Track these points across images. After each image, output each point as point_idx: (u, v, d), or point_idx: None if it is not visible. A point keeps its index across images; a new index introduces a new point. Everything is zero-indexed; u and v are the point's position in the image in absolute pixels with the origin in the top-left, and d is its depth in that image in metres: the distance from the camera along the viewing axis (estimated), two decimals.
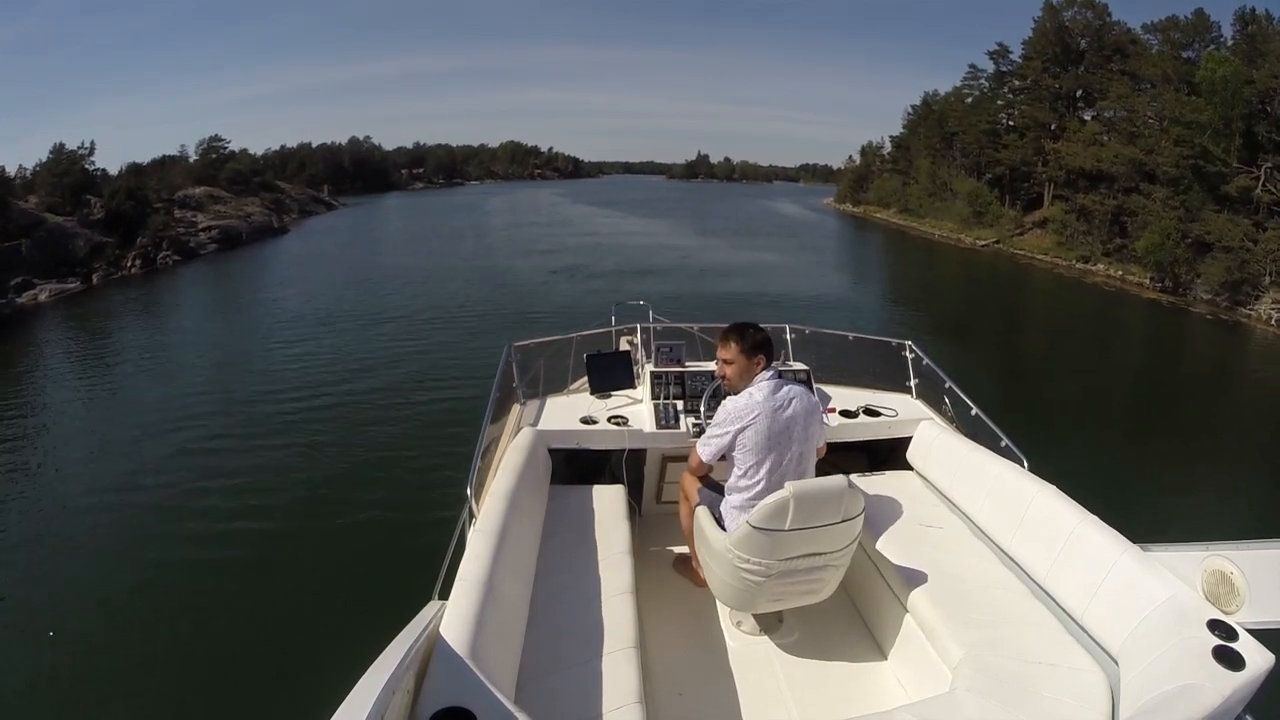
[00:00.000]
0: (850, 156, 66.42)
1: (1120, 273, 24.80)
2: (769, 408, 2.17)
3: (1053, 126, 33.81)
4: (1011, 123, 37.14)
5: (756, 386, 2.24)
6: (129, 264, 22.67)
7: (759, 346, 2.28)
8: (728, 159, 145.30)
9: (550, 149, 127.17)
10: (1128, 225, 25.18)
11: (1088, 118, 33.35)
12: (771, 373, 2.27)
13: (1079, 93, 33.89)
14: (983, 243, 33.23)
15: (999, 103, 38.92)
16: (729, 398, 2.30)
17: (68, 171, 24.87)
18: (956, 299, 21.78)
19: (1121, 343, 16.79)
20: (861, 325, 13.14)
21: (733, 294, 18.00)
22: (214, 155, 39.15)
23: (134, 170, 31.92)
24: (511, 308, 15.41)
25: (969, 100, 40.82)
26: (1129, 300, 22.18)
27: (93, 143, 27.20)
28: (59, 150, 26.08)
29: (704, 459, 2.32)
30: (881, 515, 2.62)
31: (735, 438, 2.20)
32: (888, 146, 53.63)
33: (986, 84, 40.12)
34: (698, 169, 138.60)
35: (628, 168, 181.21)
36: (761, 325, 2.38)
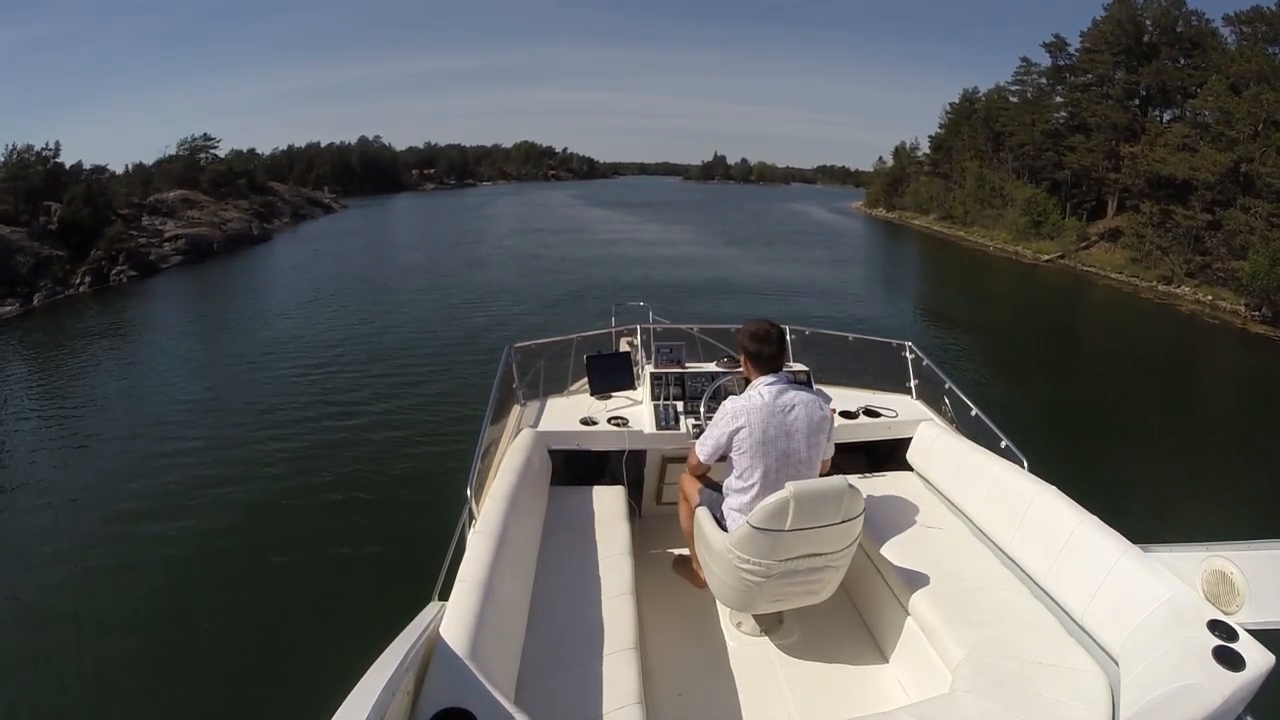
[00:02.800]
0: (880, 158, 62.39)
1: (1210, 297, 21.06)
2: (769, 410, 2.16)
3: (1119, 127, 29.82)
4: (1075, 122, 32.41)
5: (759, 389, 2.21)
6: (78, 281, 19.30)
7: (746, 351, 2.27)
8: (744, 160, 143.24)
9: (565, 149, 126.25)
10: (1207, 241, 21.85)
11: (1160, 118, 29.76)
12: (777, 377, 2.23)
13: (1148, 91, 29.77)
14: (1046, 257, 29.04)
15: (1057, 100, 34.55)
16: (730, 397, 2.29)
17: (22, 175, 21.71)
18: (1032, 327, 17.92)
19: (1247, 396, 13.15)
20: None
21: (771, 313, 15.61)
22: (202, 155, 36.59)
23: (98, 172, 28.05)
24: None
25: (1016, 98, 36.97)
26: (1234, 335, 18.03)
27: (57, 143, 24.09)
28: (22, 151, 22.95)
29: (701, 458, 2.31)
30: (882, 516, 2.61)
31: (731, 437, 2.18)
32: (923, 148, 49.83)
33: (1044, 80, 35.54)
34: (714, 170, 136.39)
35: (643, 168, 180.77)
36: (767, 330, 2.27)
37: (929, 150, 48.16)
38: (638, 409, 3.16)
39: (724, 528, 2.21)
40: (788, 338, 3.59)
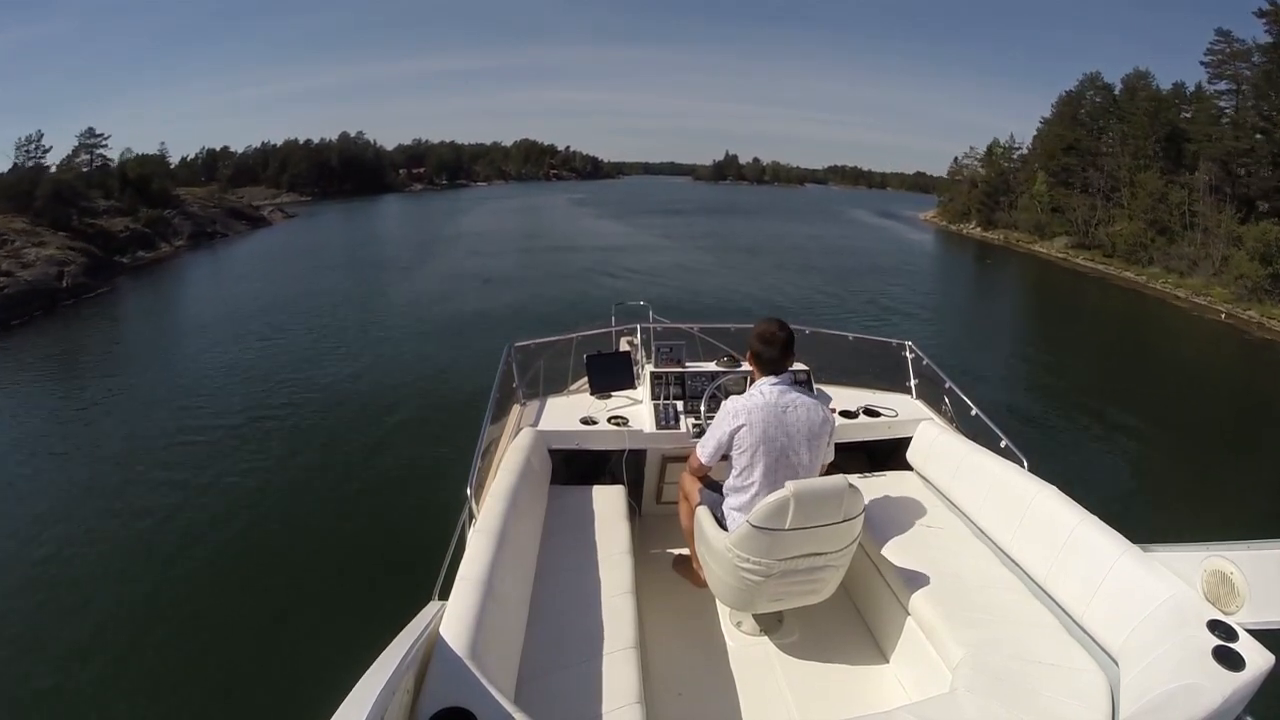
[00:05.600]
0: (956, 160, 49.34)
1: None
2: (769, 409, 2.15)
3: None
4: None
5: (761, 387, 2.22)
6: None
7: (751, 351, 2.29)
8: (757, 160, 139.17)
9: (568, 148, 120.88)
10: None
11: None
12: (779, 378, 2.23)
13: None
14: None
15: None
16: (731, 396, 2.29)
17: None
18: None
19: None
20: None
21: None
22: (83, 159, 28.76)
23: None
24: None
25: (1213, 88, 26.80)
26: None
27: None
28: None
29: (703, 459, 2.30)
30: (882, 516, 2.61)
31: (733, 435, 2.18)
32: (1022, 148, 39.48)
33: (1267, 61, 24.66)
34: (726, 170, 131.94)
35: (647, 168, 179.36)
36: (773, 332, 2.24)
37: (1053, 150, 35.60)
38: (638, 408, 3.16)
39: (724, 527, 2.21)
40: (794, 341, 3.62)
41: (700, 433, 2.87)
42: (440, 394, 9.82)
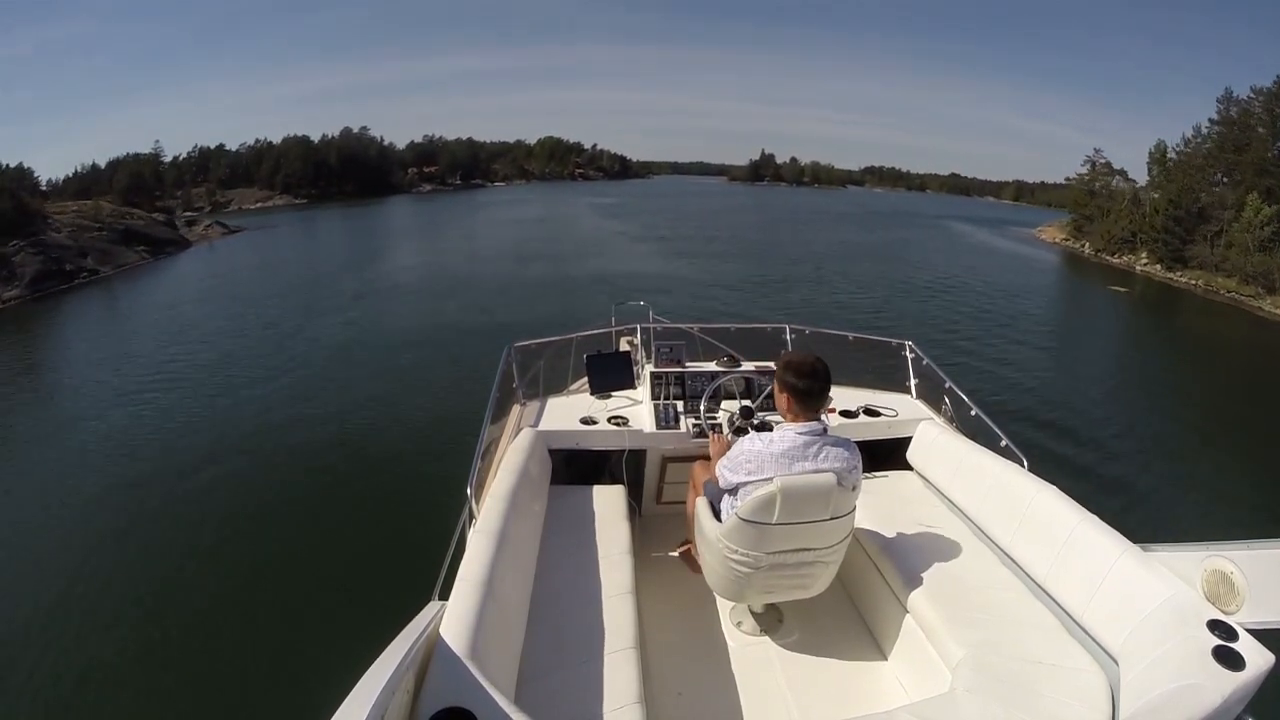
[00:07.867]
0: (1090, 162, 39.26)
1: None
2: (791, 459, 1.94)
3: None
4: None
5: (789, 433, 1.96)
6: None
7: (784, 385, 2.00)
8: (794, 159, 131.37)
9: (594, 146, 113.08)
10: None
11: None
12: (809, 426, 1.96)
13: None
14: None
15: None
16: (751, 436, 2.03)
17: None
18: None
19: None
20: None
21: None
22: None
23: None
24: None
25: None
26: None
27: None
28: None
29: (720, 485, 2.14)
30: (881, 515, 2.61)
31: (742, 485, 2.01)
32: (1169, 146, 29.88)
33: None
34: (763, 170, 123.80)
35: (676, 168, 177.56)
36: (813, 365, 1.98)
37: (1257, 160, 25.38)
38: (638, 408, 3.16)
39: (720, 518, 2.21)
40: (786, 336, 3.60)
41: (700, 433, 2.90)
42: (439, 398, 9.79)
